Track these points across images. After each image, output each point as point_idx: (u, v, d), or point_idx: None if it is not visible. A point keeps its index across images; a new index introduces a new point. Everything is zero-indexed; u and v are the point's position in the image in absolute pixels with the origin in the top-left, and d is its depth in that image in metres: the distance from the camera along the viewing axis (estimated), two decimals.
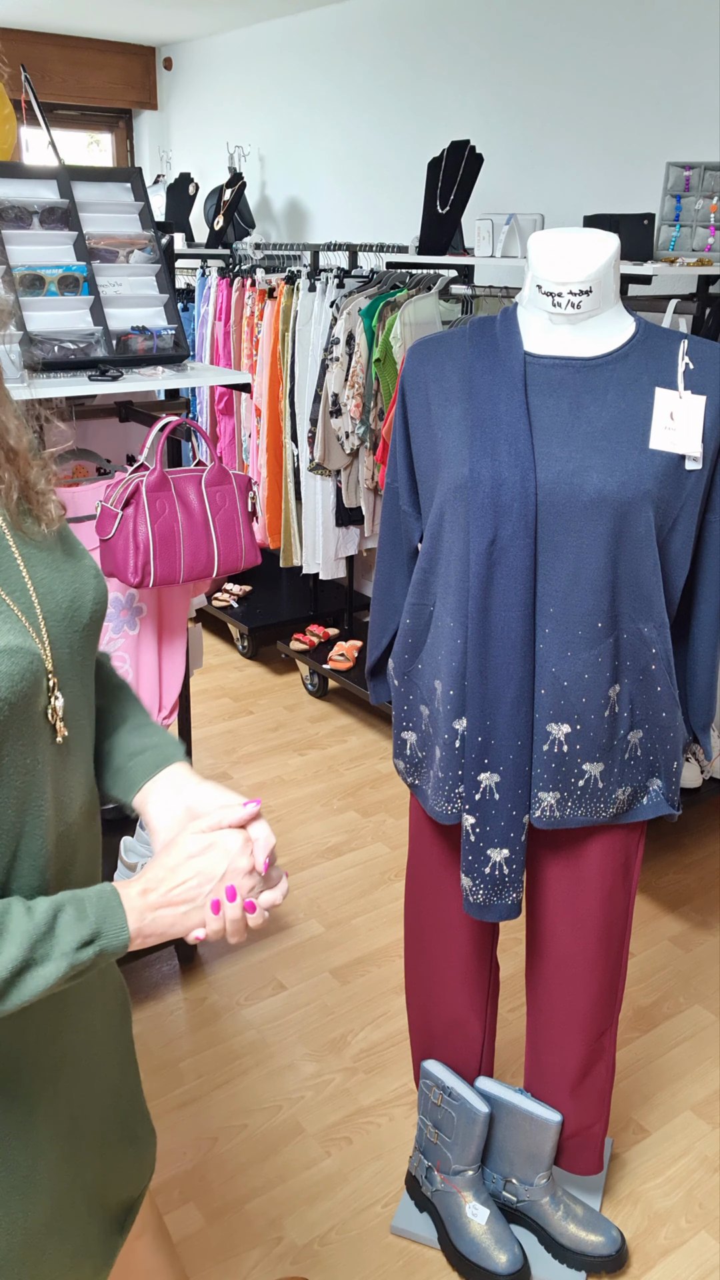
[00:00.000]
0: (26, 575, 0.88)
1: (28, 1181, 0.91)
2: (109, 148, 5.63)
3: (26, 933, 0.80)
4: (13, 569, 0.87)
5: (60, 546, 0.94)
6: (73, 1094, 0.97)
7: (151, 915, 0.86)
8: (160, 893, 0.87)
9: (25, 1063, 0.91)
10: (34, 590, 0.87)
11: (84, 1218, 1.00)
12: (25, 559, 0.88)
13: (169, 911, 0.87)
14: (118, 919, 0.84)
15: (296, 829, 3.05)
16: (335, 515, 3.59)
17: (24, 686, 0.82)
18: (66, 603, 0.90)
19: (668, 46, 3.07)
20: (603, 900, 1.56)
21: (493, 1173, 1.81)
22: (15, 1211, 0.90)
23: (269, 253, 4.23)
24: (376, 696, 1.73)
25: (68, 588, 0.91)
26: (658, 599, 1.39)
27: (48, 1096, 0.94)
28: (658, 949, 2.56)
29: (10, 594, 0.85)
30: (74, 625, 0.91)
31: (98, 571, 0.97)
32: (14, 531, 0.89)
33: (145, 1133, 1.13)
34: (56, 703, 0.88)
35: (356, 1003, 2.36)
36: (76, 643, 0.91)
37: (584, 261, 1.35)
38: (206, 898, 0.88)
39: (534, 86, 3.50)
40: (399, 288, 3.35)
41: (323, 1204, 1.87)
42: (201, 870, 0.89)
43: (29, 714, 0.84)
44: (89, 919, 0.83)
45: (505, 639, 1.37)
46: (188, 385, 2.06)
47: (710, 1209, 1.88)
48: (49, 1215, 0.95)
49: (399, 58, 3.99)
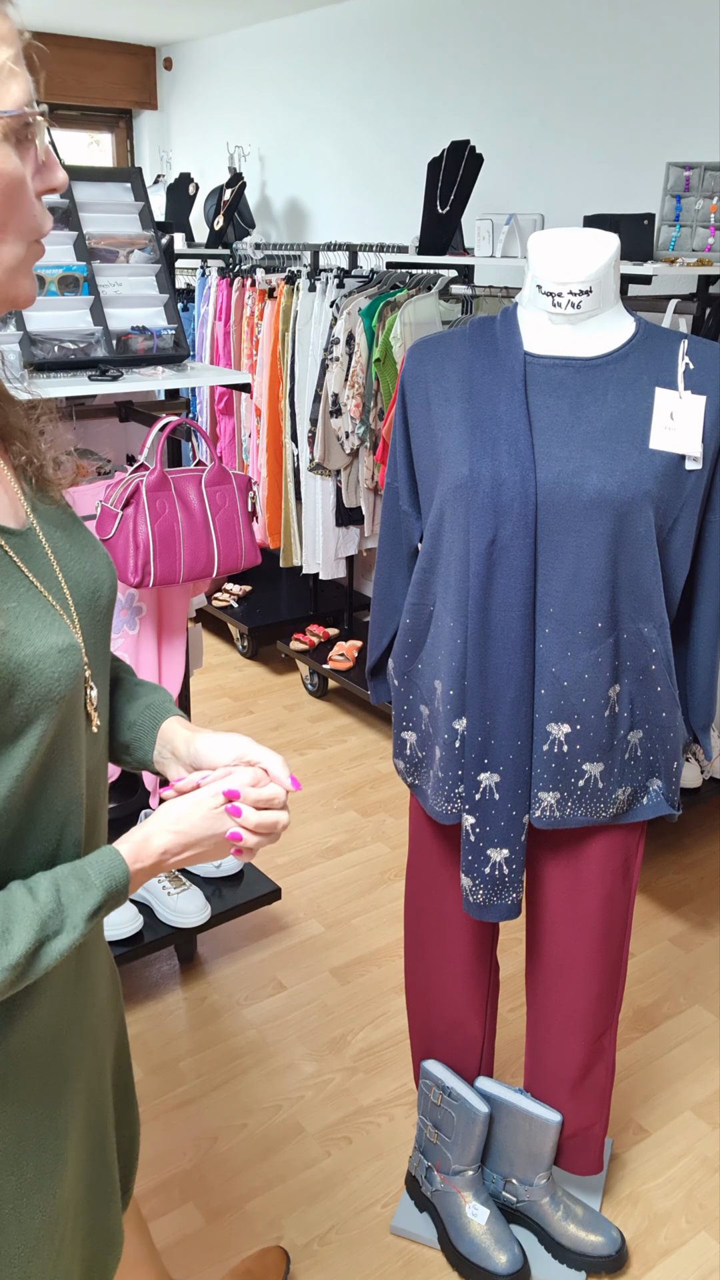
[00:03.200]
0: (56, 565, 0.87)
1: (57, 1159, 0.93)
2: (109, 148, 5.63)
3: (35, 914, 0.81)
4: (44, 560, 0.86)
5: (74, 523, 0.94)
6: (90, 1072, 0.99)
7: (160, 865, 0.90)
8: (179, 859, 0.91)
9: (54, 1051, 0.92)
10: (64, 580, 0.87)
11: (99, 1192, 1.02)
12: (52, 546, 0.88)
13: (178, 858, 0.91)
14: (123, 889, 0.87)
15: (296, 829, 3.05)
16: (335, 515, 3.59)
17: (75, 683, 0.83)
18: (90, 589, 0.91)
19: (668, 46, 3.07)
20: (603, 900, 1.56)
21: (493, 1173, 1.81)
22: (47, 1190, 0.92)
23: (269, 253, 4.23)
24: (376, 696, 1.73)
25: (88, 572, 0.91)
26: (658, 599, 1.39)
27: (73, 1076, 0.95)
28: (658, 949, 2.56)
29: (48, 589, 0.85)
30: (96, 610, 0.92)
31: (103, 549, 0.98)
32: (37, 513, 0.88)
33: (135, 1109, 1.16)
34: (92, 693, 0.89)
35: (356, 1002, 2.36)
36: (99, 629, 0.92)
37: (584, 262, 1.35)
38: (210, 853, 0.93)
39: (534, 86, 3.50)
40: (399, 288, 3.35)
41: (323, 1204, 1.87)
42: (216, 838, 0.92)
43: (75, 709, 0.85)
44: (96, 889, 0.84)
45: (505, 639, 1.37)
46: (188, 385, 2.06)
47: (710, 1209, 1.88)
48: (72, 1191, 0.96)
49: (399, 58, 3.99)
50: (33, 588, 0.82)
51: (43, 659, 0.79)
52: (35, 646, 0.79)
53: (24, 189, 0.74)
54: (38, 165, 0.76)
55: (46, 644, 0.80)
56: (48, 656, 0.79)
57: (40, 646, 0.79)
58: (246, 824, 0.92)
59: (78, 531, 0.94)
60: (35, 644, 0.79)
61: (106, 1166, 1.03)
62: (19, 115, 0.71)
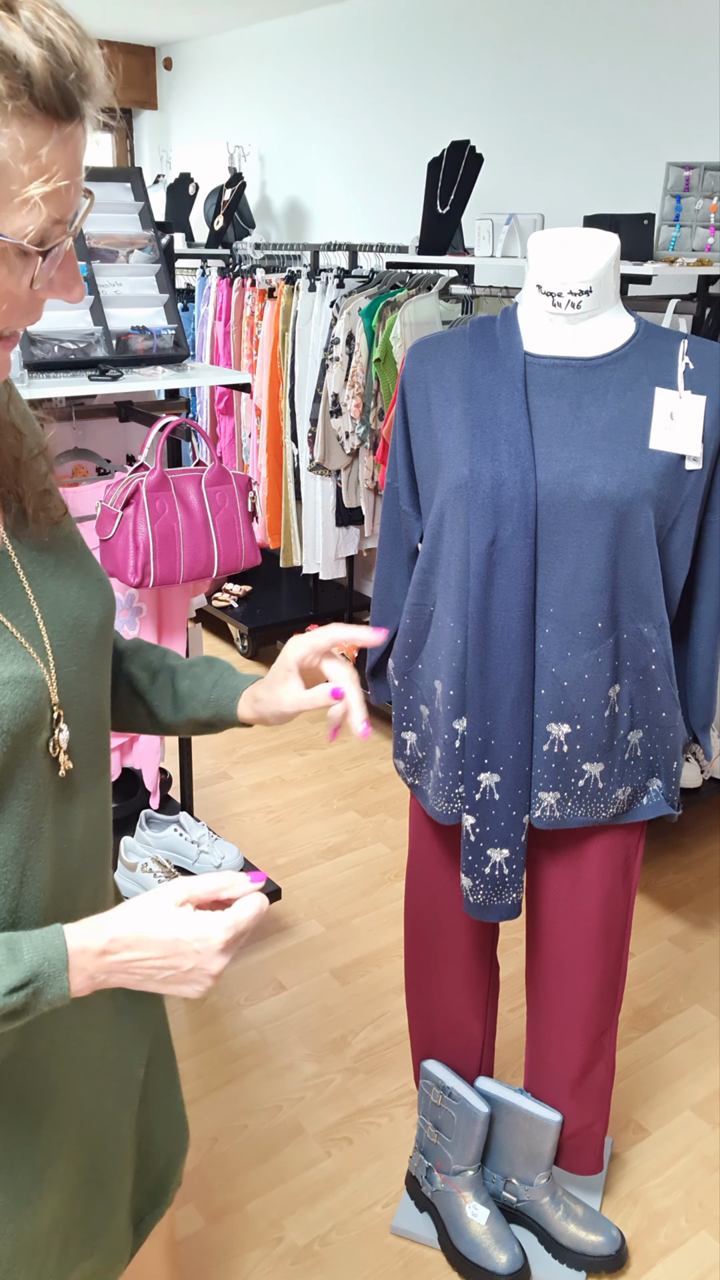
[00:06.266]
0: (30, 591, 0.83)
1: (33, 1189, 0.90)
2: (109, 147, 5.63)
3: None
4: (15, 587, 0.82)
5: (64, 549, 0.90)
6: (85, 1097, 0.96)
7: (105, 976, 0.79)
8: (121, 959, 0.79)
9: (34, 1074, 0.89)
10: (38, 607, 0.83)
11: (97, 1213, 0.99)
12: (28, 572, 0.84)
13: (124, 978, 0.80)
14: (58, 969, 0.77)
15: (296, 829, 3.05)
16: (335, 515, 3.59)
17: (27, 717, 0.79)
18: (73, 616, 0.86)
19: (668, 46, 3.07)
20: (602, 900, 1.56)
21: (493, 1173, 1.81)
22: (22, 1219, 0.90)
23: (269, 253, 4.23)
24: (377, 696, 1.72)
25: (74, 598, 0.87)
26: (658, 599, 1.39)
27: (60, 1102, 0.92)
28: (658, 949, 2.56)
29: (13, 617, 0.81)
30: (80, 640, 0.87)
31: (102, 575, 0.93)
32: (14, 540, 0.84)
33: (176, 1125, 1.12)
34: (60, 735, 0.84)
35: (356, 1003, 2.36)
36: (85, 657, 0.88)
37: (584, 262, 1.35)
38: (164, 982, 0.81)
39: (534, 86, 3.50)
40: (399, 288, 3.35)
41: (323, 1204, 1.87)
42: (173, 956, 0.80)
43: (30, 747, 0.81)
44: (22, 963, 0.76)
45: (505, 639, 1.37)
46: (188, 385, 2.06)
47: (710, 1209, 1.88)
48: (54, 1218, 0.94)
49: (399, 58, 3.99)
50: None
51: None
52: None
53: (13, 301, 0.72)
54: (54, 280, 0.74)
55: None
56: None
57: None
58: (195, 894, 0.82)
59: (69, 557, 0.89)
60: None
61: (102, 1186, 1.00)
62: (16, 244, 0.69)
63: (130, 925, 0.79)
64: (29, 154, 0.66)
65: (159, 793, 2.47)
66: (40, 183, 0.67)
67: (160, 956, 0.79)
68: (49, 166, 0.67)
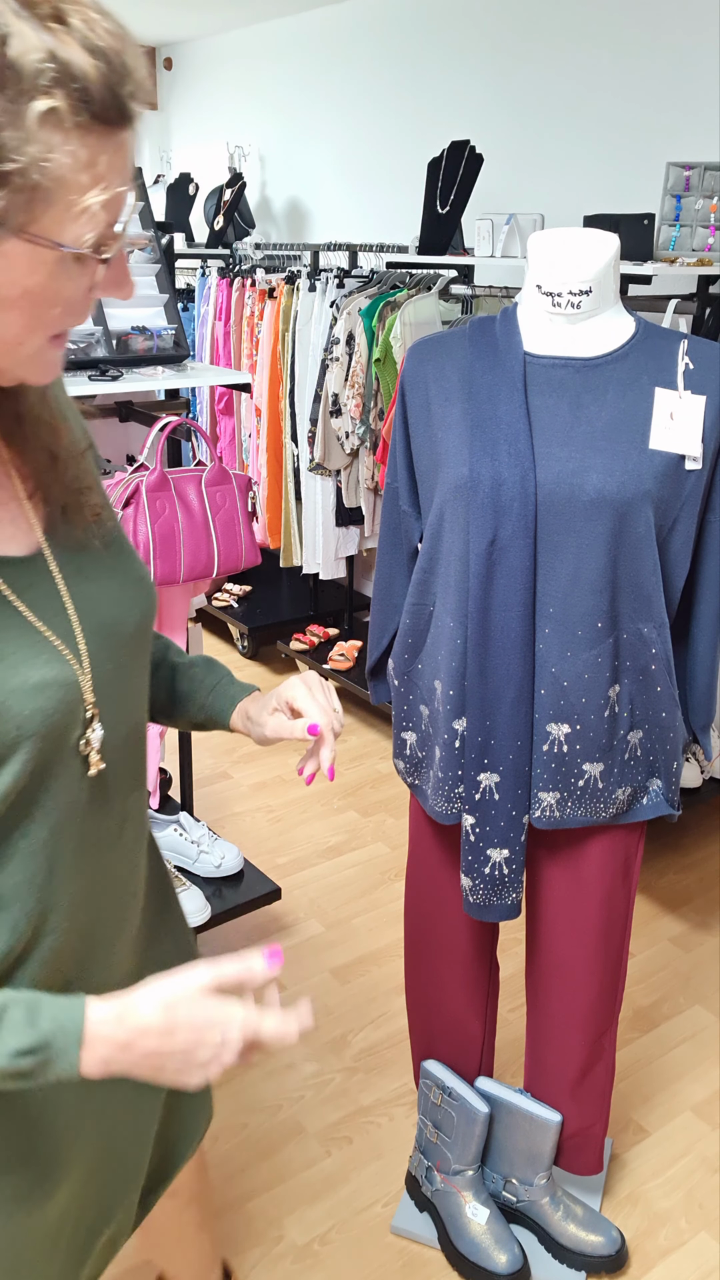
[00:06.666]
0: (65, 592, 0.84)
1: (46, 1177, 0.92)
2: None
3: None
4: (49, 588, 0.83)
5: (104, 547, 0.90)
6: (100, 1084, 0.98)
7: (119, 1067, 0.78)
8: (139, 1051, 0.78)
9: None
10: (73, 608, 0.84)
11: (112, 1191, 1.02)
12: (64, 572, 0.85)
13: (138, 1071, 0.79)
14: (70, 1045, 0.76)
15: (296, 829, 3.05)
16: (335, 515, 3.59)
17: (58, 719, 0.80)
18: (110, 616, 0.87)
19: (668, 46, 3.07)
20: (602, 900, 1.56)
21: (493, 1173, 1.81)
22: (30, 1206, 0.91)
23: (269, 253, 4.23)
24: (376, 696, 1.73)
25: (112, 598, 0.88)
26: (657, 599, 1.39)
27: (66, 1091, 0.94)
28: (658, 949, 2.56)
29: (46, 619, 0.81)
30: (118, 638, 0.87)
31: (144, 574, 0.93)
32: (50, 539, 0.85)
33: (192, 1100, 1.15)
34: (92, 735, 0.84)
35: (356, 1003, 2.36)
36: (121, 657, 0.88)
37: (584, 262, 1.35)
38: (175, 1073, 0.80)
39: (534, 86, 3.50)
40: (399, 288, 3.35)
41: (323, 1204, 1.88)
42: (196, 1049, 0.80)
43: (61, 747, 0.82)
44: (38, 1029, 0.75)
45: (505, 639, 1.37)
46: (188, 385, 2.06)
47: (710, 1209, 1.88)
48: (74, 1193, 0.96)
49: (399, 58, 3.99)
50: (19, 618, 0.80)
51: (12, 695, 0.76)
52: (7, 682, 0.77)
53: (68, 304, 0.73)
54: (105, 278, 0.74)
55: (20, 679, 0.77)
56: (18, 692, 0.77)
57: (12, 682, 0.77)
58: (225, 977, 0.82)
59: (109, 557, 0.89)
60: (7, 679, 0.77)
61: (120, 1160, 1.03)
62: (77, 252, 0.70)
63: (160, 1016, 0.78)
64: (89, 164, 0.66)
65: (159, 792, 2.48)
66: (98, 190, 0.67)
67: (181, 1050, 0.79)
68: (106, 174, 0.67)
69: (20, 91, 0.62)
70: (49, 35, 0.62)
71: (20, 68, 0.61)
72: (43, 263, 0.68)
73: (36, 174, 0.64)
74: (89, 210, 0.67)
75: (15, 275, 0.68)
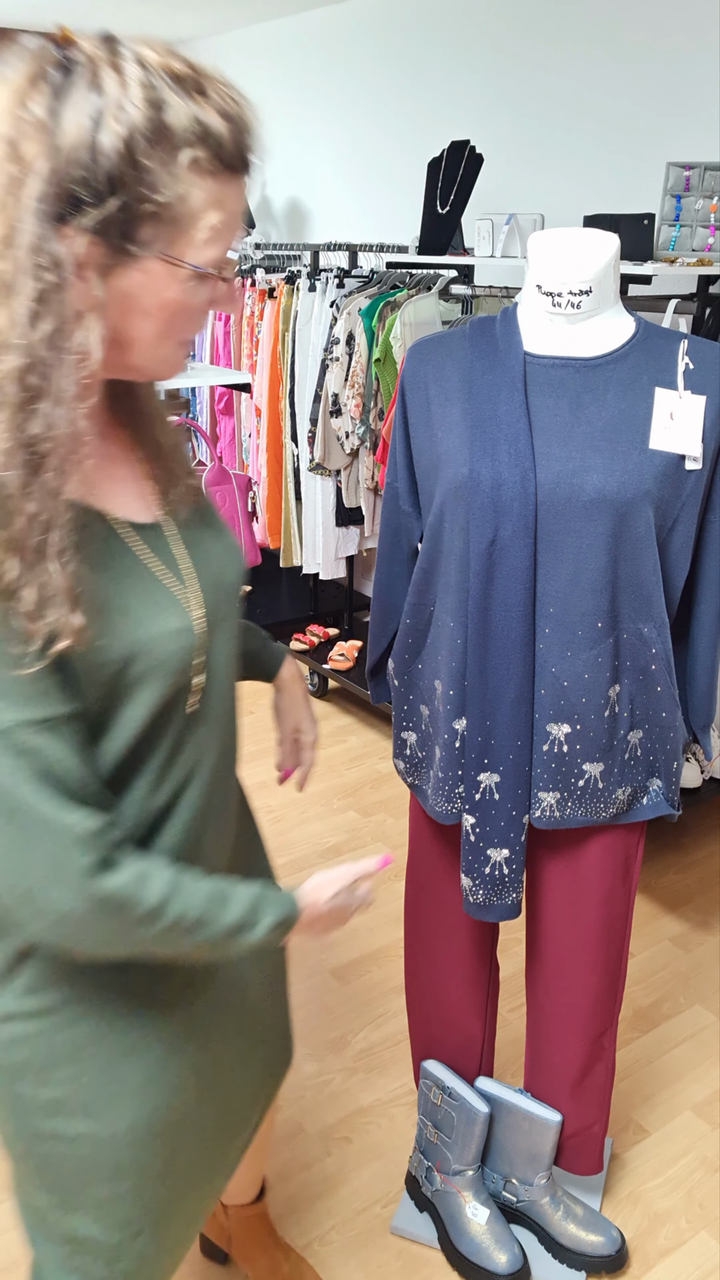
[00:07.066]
0: (187, 553, 1.02)
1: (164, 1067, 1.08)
2: None
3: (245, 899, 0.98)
4: (171, 554, 1.00)
5: (205, 519, 1.08)
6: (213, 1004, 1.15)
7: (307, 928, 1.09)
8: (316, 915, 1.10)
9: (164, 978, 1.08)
10: (194, 567, 1.02)
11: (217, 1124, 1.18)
12: (184, 537, 1.03)
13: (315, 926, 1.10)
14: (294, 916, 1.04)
15: (296, 829, 3.05)
16: (335, 515, 3.59)
17: (186, 660, 0.97)
18: (220, 573, 1.05)
19: (668, 46, 3.07)
20: (602, 900, 1.56)
21: (493, 1173, 1.81)
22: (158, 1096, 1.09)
23: (269, 253, 4.23)
24: (376, 696, 1.73)
25: (219, 559, 1.05)
26: (658, 599, 1.39)
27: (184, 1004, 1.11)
28: (658, 949, 2.56)
29: (173, 576, 0.99)
30: (226, 593, 1.05)
31: (235, 541, 1.12)
32: (170, 507, 1.03)
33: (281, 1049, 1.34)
34: (197, 679, 1.01)
35: (356, 1003, 2.36)
36: (225, 609, 1.05)
37: (584, 262, 1.35)
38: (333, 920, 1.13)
39: (534, 86, 3.50)
40: (399, 288, 3.35)
41: (323, 1204, 1.87)
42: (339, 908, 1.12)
43: (183, 683, 0.98)
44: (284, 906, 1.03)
45: (505, 639, 1.37)
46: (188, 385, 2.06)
47: (710, 1209, 1.88)
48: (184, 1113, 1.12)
49: (399, 58, 3.99)
50: (151, 575, 0.97)
51: (156, 639, 0.94)
52: (151, 628, 0.94)
53: (192, 313, 0.91)
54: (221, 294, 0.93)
55: (161, 626, 0.95)
56: (160, 636, 0.95)
57: (156, 628, 0.94)
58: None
59: (209, 527, 1.08)
60: (152, 626, 0.94)
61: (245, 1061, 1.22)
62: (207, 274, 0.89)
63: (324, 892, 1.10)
64: (218, 203, 0.86)
65: None
66: (222, 222, 0.87)
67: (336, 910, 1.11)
68: (229, 209, 0.88)
69: (173, 146, 0.82)
70: (194, 103, 0.83)
71: (173, 128, 0.82)
72: (176, 280, 0.87)
73: (179, 208, 0.84)
74: (215, 239, 0.87)
75: (155, 289, 0.87)
